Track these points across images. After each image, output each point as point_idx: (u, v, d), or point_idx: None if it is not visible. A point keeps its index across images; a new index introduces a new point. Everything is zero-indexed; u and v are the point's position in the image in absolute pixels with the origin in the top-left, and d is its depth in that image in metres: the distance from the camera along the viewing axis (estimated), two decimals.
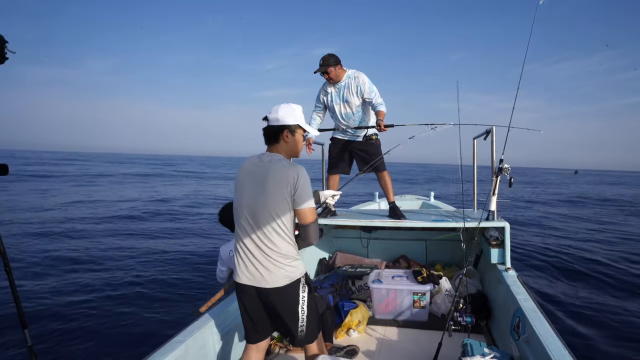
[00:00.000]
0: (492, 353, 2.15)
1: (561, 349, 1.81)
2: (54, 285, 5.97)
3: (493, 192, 3.06)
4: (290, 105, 1.90)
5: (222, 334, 2.44)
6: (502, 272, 2.94)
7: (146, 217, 12.04)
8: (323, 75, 3.28)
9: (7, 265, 1.64)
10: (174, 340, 2.06)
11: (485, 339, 2.85)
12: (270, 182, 1.79)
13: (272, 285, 1.83)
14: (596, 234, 9.96)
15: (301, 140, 1.95)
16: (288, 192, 1.79)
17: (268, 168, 1.82)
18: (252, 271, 1.84)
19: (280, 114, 1.85)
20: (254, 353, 2.04)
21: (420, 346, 2.81)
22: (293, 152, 1.95)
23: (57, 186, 20.65)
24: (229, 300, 2.69)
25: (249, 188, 1.84)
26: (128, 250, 8.06)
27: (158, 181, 26.97)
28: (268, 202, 1.79)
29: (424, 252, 4.17)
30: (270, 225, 1.79)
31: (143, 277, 6.41)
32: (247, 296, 1.91)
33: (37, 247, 8.05)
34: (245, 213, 1.84)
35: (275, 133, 1.88)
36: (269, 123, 1.90)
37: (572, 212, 13.91)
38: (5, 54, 1.46)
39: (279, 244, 1.82)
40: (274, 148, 1.91)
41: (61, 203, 14.40)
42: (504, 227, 2.99)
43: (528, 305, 2.32)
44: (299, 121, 1.89)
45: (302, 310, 1.87)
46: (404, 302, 3.19)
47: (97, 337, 4.31)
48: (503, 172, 2.96)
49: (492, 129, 3.27)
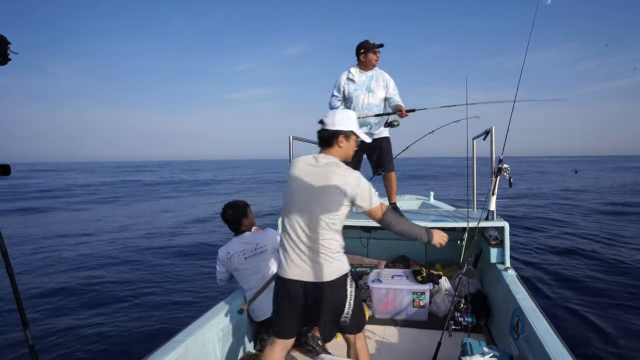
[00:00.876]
0: (491, 352, 2.16)
1: (560, 348, 1.82)
2: (55, 286, 5.97)
3: (492, 192, 3.07)
4: (346, 111, 2.00)
5: (222, 333, 2.44)
6: (502, 271, 2.95)
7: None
8: (374, 54, 3.24)
9: (9, 267, 1.65)
10: (174, 340, 2.07)
11: (485, 338, 2.87)
12: (328, 183, 1.85)
13: (322, 279, 1.86)
14: (594, 231, 9.98)
15: (354, 146, 2.02)
16: (346, 195, 1.85)
17: (326, 170, 1.89)
18: (301, 266, 1.88)
19: (337, 119, 1.93)
20: (279, 349, 2.05)
21: (420, 345, 2.82)
22: (346, 157, 2.02)
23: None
24: (229, 300, 2.70)
25: (305, 186, 1.90)
26: (129, 250, 8.06)
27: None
28: (323, 201, 1.85)
29: (423, 252, 4.18)
30: (324, 222, 1.85)
31: (145, 278, 6.42)
32: (291, 292, 1.92)
33: (38, 249, 8.05)
34: (299, 210, 1.89)
35: (331, 137, 1.95)
36: (324, 126, 1.96)
37: (571, 211, 13.94)
38: (8, 55, 1.46)
39: (330, 241, 1.87)
40: (328, 151, 1.98)
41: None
42: (504, 226, 3.00)
43: (527, 305, 2.33)
44: (353, 127, 1.97)
45: (348, 305, 1.92)
46: (404, 302, 3.20)
47: (98, 337, 4.32)
48: (502, 172, 2.97)
49: (491, 129, 3.28)
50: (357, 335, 2.04)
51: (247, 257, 2.72)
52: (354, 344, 2.05)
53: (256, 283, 2.71)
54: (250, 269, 2.72)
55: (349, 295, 1.92)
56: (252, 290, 2.72)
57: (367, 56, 3.26)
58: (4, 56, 1.46)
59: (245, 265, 2.71)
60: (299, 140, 3.64)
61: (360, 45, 3.27)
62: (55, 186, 29.12)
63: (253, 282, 2.72)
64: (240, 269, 2.72)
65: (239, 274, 2.75)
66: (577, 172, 38.45)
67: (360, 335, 2.05)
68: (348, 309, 1.92)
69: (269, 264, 2.77)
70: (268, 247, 2.78)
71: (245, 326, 2.78)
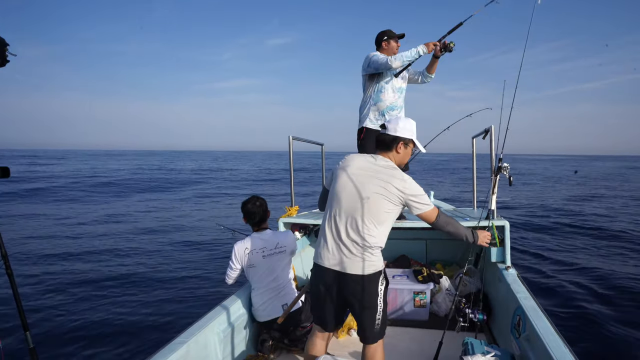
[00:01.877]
0: (492, 351, 2.16)
1: (561, 347, 1.82)
2: (56, 285, 5.97)
3: (492, 191, 3.07)
4: (409, 120, 2.06)
5: (223, 335, 2.44)
6: (503, 270, 2.95)
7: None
8: (396, 43, 3.30)
9: (9, 268, 1.65)
10: (175, 342, 2.06)
11: (486, 337, 2.86)
12: (387, 185, 1.91)
13: (356, 272, 1.90)
14: (600, 229, 9.97)
15: (410, 153, 2.11)
16: (403, 198, 1.93)
17: (385, 171, 1.95)
18: (338, 256, 1.92)
19: (399, 126, 2.01)
20: (319, 339, 2.10)
21: (421, 345, 2.81)
22: (401, 163, 2.08)
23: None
24: (230, 301, 2.69)
25: (357, 182, 1.95)
26: (129, 251, 8.06)
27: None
28: (379, 200, 1.90)
29: (424, 251, 4.18)
30: (374, 220, 1.90)
31: (146, 278, 6.41)
32: (326, 279, 1.97)
33: (39, 251, 8.05)
34: (349, 204, 1.93)
35: (391, 142, 2.02)
36: (386, 131, 2.04)
37: (571, 211, 13.93)
38: (7, 57, 1.46)
39: (374, 238, 1.91)
40: (386, 154, 2.04)
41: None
42: (504, 225, 3.00)
43: (528, 304, 2.33)
44: (413, 137, 2.05)
45: (380, 304, 1.96)
46: (405, 301, 3.20)
47: (98, 339, 4.31)
48: (502, 170, 2.97)
49: (490, 128, 3.28)
50: (373, 347, 2.02)
51: (265, 256, 2.69)
52: (374, 351, 2.02)
53: (268, 284, 2.70)
54: (266, 268, 2.70)
55: (380, 293, 1.96)
56: (261, 290, 2.70)
57: (390, 44, 3.32)
58: (2, 58, 1.46)
59: (262, 263, 2.69)
60: (299, 140, 3.65)
61: (383, 32, 3.34)
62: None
63: (265, 282, 2.70)
64: (256, 266, 2.69)
65: (253, 271, 2.71)
66: (577, 172, 38.44)
67: (380, 343, 2.04)
68: (380, 309, 1.96)
69: (284, 265, 2.76)
70: (287, 249, 2.77)
71: (247, 327, 2.77)
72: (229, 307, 2.59)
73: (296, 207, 3.73)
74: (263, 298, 2.70)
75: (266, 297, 2.70)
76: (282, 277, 2.73)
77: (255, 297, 2.74)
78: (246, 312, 2.78)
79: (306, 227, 3.88)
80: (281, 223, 3.52)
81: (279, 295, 2.71)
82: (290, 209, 3.67)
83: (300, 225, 3.81)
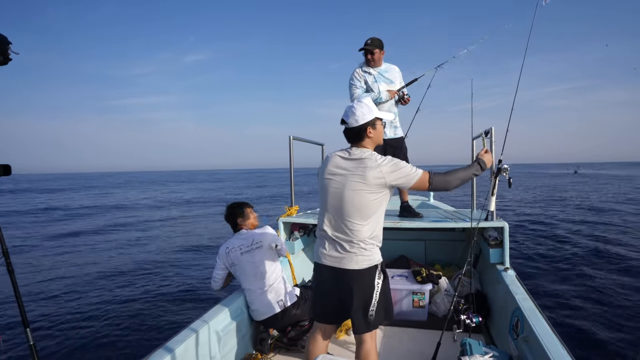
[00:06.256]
0: (490, 352, 2.16)
1: (559, 348, 1.82)
2: (56, 286, 5.98)
3: (492, 193, 3.07)
4: (361, 102, 1.97)
5: (222, 333, 2.45)
6: (501, 271, 2.96)
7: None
8: (366, 55, 3.45)
9: (10, 265, 1.65)
10: (174, 340, 2.07)
11: (484, 338, 2.87)
12: (359, 178, 1.88)
13: (351, 267, 1.91)
14: (596, 232, 9.98)
15: (382, 128, 2.04)
16: (385, 184, 1.88)
17: (358, 165, 1.91)
18: (333, 253, 1.94)
19: (358, 115, 1.94)
20: (320, 336, 2.11)
21: (420, 346, 2.82)
22: (377, 142, 2.03)
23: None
24: (229, 300, 2.70)
25: (336, 182, 1.94)
26: (129, 250, 8.07)
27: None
28: (356, 196, 1.88)
29: (423, 252, 4.19)
30: (356, 216, 1.89)
31: (146, 278, 6.42)
32: (324, 276, 2.00)
33: (40, 249, 8.05)
34: (333, 203, 1.94)
35: (358, 132, 1.96)
36: (348, 126, 1.97)
37: (570, 210, 13.95)
38: (9, 55, 1.47)
39: (360, 232, 1.90)
40: (359, 144, 1.99)
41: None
42: (503, 227, 3.01)
43: (526, 305, 2.34)
44: (375, 113, 1.96)
45: (375, 297, 1.95)
46: (404, 302, 3.21)
47: (98, 337, 4.32)
48: (502, 172, 2.97)
49: (490, 129, 3.28)
50: (370, 334, 2.01)
51: (243, 252, 2.77)
52: (364, 343, 2.01)
53: (255, 282, 2.72)
54: (247, 265, 2.74)
55: (376, 286, 1.95)
56: (251, 289, 2.73)
57: (368, 56, 3.47)
58: (4, 56, 1.47)
59: (242, 260, 2.75)
60: (299, 140, 3.65)
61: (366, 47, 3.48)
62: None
63: (251, 280, 2.74)
64: (237, 264, 2.76)
65: (236, 269, 2.78)
66: (577, 172, 38.45)
67: (372, 334, 2.02)
68: (374, 302, 1.94)
69: (265, 260, 2.78)
70: (264, 244, 2.79)
71: (246, 326, 2.78)
72: (227, 306, 2.60)
73: (296, 207, 3.73)
74: (254, 296, 2.74)
75: (256, 295, 2.73)
76: (268, 273, 2.75)
77: (247, 297, 2.78)
78: (244, 310, 2.79)
79: (306, 227, 3.89)
80: (281, 223, 3.53)
81: (270, 292, 2.73)
82: (290, 209, 3.68)
83: (300, 225, 3.82)
